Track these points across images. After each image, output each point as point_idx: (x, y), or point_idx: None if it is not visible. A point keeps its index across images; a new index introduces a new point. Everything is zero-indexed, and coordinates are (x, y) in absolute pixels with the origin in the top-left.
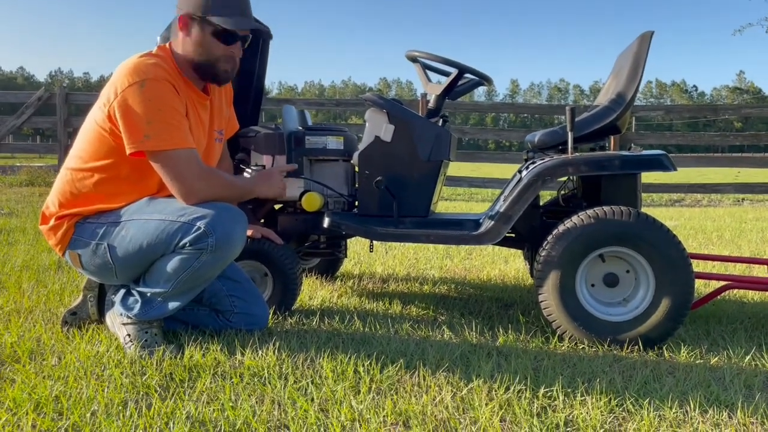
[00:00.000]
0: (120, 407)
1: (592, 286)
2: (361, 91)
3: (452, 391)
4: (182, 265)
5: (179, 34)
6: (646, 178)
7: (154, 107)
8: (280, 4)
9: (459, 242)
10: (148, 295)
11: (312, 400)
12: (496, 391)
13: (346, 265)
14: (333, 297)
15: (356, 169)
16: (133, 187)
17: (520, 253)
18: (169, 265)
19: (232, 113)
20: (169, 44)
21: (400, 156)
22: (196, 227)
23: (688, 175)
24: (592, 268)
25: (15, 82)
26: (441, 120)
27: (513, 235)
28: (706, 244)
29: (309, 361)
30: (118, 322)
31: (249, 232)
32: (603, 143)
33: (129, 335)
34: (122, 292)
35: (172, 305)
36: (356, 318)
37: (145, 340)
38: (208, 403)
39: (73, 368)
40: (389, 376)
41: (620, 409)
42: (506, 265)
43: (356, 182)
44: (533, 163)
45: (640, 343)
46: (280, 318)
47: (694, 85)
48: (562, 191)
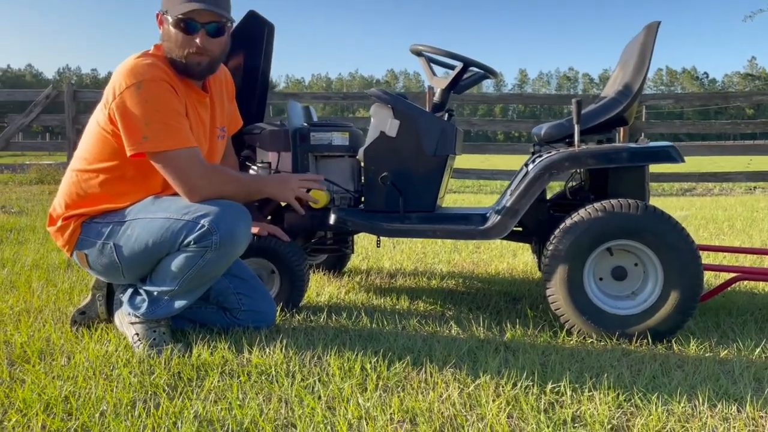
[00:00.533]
0: (128, 407)
1: (600, 279)
2: (369, 84)
3: (459, 388)
4: (187, 263)
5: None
6: (657, 167)
7: (151, 108)
8: None
9: (466, 237)
10: (155, 294)
11: (319, 398)
12: (503, 387)
13: (354, 261)
14: (340, 293)
15: (362, 164)
16: (138, 186)
17: (528, 246)
18: (175, 263)
19: (235, 109)
20: None
21: (406, 151)
22: (200, 225)
23: (700, 163)
24: (600, 261)
25: (23, 79)
26: (446, 114)
27: (520, 230)
28: (717, 234)
29: (316, 358)
30: (127, 321)
31: (255, 230)
32: (611, 135)
33: (137, 334)
34: (130, 291)
35: (179, 304)
36: (363, 314)
37: (154, 339)
38: (215, 402)
39: (83, 368)
40: (396, 373)
41: (628, 404)
42: (514, 259)
43: (362, 178)
44: (540, 156)
45: (649, 337)
46: (288, 315)
47: (705, 72)
48: (569, 184)
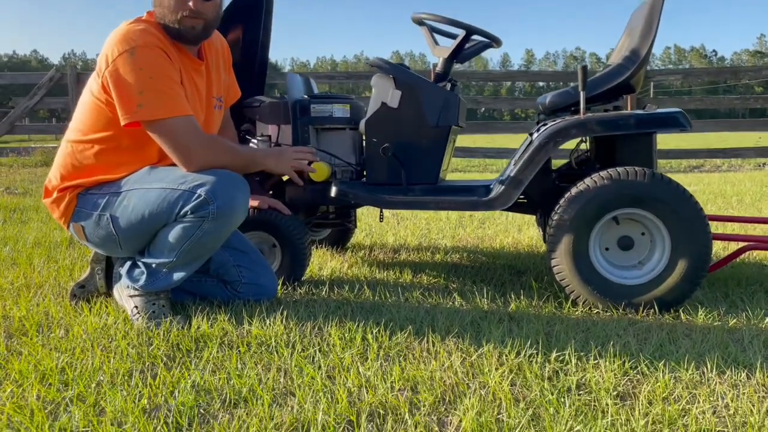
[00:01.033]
0: (126, 377)
1: (606, 249)
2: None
3: (462, 357)
4: (185, 234)
5: None
6: (664, 144)
7: (145, 75)
8: None
9: (469, 208)
10: (154, 266)
11: (319, 367)
12: (506, 356)
13: (357, 236)
14: (343, 267)
15: (363, 137)
16: (133, 156)
17: (533, 221)
18: (172, 234)
19: (232, 80)
20: None
21: (408, 122)
22: (196, 195)
23: (708, 140)
24: (606, 231)
25: (29, 65)
26: (449, 84)
27: (525, 200)
28: (726, 209)
29: (317, 329)
30: (126, 294)
31: (256, 203)
32: (618, 103)
33: (136, 307)
34: (128, 264)
35: (178, 276)
36: (366, 287)
37: (153, 312)
38: (213, 371)
39: (80, 340)
40: (398, 343)
41: (634, 371)
42: (520, 234)
43: (364, 150)
44: (544, 125)
45: (656, 307)
46: (289, 289)
47: (714, 50)
48: (575, 154)
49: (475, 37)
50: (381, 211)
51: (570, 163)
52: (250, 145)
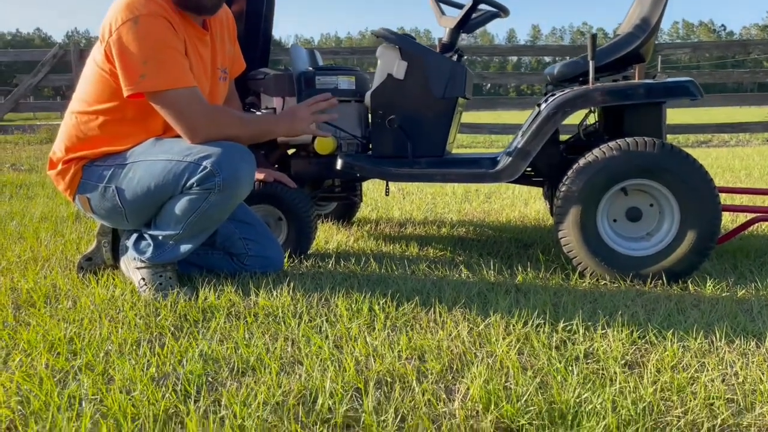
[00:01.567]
0: (133, 346)
1: (614, 221)
2: (379, 42)
3: (469, 327)
4: (191, 206)
5: None
6: (671, 119)
7: (148, 45)
8: None
9: (476, 180)
10: (160, 238)
11: (326, 337)
12: (513, 325)
13: (363, 211)
14: (349, 241)
15: (369, 109)
16: (138, 128)
17: (540, 195)
18: (178, 206)
19: (237, 51)
20: None
21: (414, 94)
22: (202, 167)
23: (716, 116)
24: (614, 202)
25: (32, 43)
26: (456, 55)
27: (532, 172)
28: (734, 182)
29: (323, 300)
30: (132, 266)
31: (261, 176)
32: (627, 73)
33: (143, 279)
34: (135, 236)
35: (184, 248)
36: (372, 260)
37: (160, 284)
38: (221, 341)
39: (88, 311)
40: (404, 314)
41: (642, 341)
42: (526, 207)
43: (369, 123)
44: (553, 95)
45: (664, 278)
46: (296, 262)
47: (722, 25)
48: (583, 125)
49: (482, 7)
50: (387, 185)
51: (578, 135)
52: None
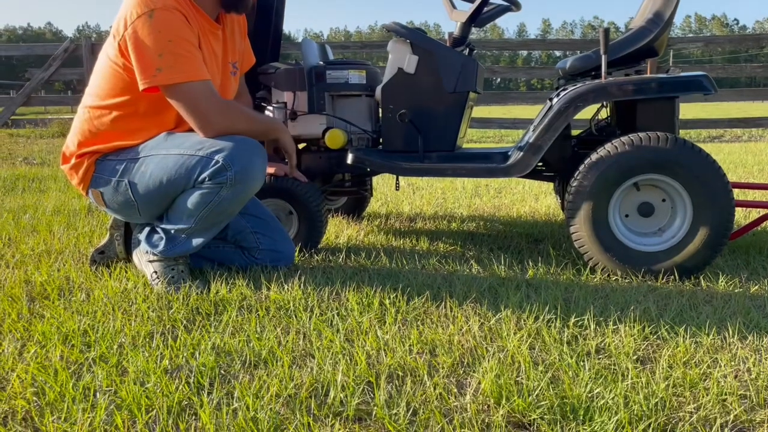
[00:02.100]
0: (147, 339)
1: (626, 216)
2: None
3: (480, 321)
4: (203, 201)
5: None
6: (683, 114)
7: (164, 38)
8: None
9: (487, 175)
10: (172, 232)
11: (337, 331)
12: (525, 320)
13: (373, 206)
14: (360, 235)
15: (379, 103)
16: (151, 122)
17: (551, 190)
18: (190, 200)
19: (247, 46)
20: None
21: (425, 88)
22: (214, 161)
23: (728, 111)
24: (626, 197)
25: (44, 37)
26: (467, 49)
27: (543, 167)
28: (747, 178)
29: (334, 294)
30: (145, 259)
31: (272, 170)
32: (640, 67)
33: (156, 272)
34: (147, 229)
35: (196, 241)
36: (383, 254)
37: (172, 277)
38: (233, 334)
39: (101, 304)
40: (415, 308)
41: (655, 336)
42: (537, 202)
43: (380, 117)
44: (564, 90)
45: (676, 273)
46: (306, 256)
47: (735, 19)
48: (595, 120)
49: (494, 1)
50: (397, 180)
51: (590, 129)
52: (266, 112)
